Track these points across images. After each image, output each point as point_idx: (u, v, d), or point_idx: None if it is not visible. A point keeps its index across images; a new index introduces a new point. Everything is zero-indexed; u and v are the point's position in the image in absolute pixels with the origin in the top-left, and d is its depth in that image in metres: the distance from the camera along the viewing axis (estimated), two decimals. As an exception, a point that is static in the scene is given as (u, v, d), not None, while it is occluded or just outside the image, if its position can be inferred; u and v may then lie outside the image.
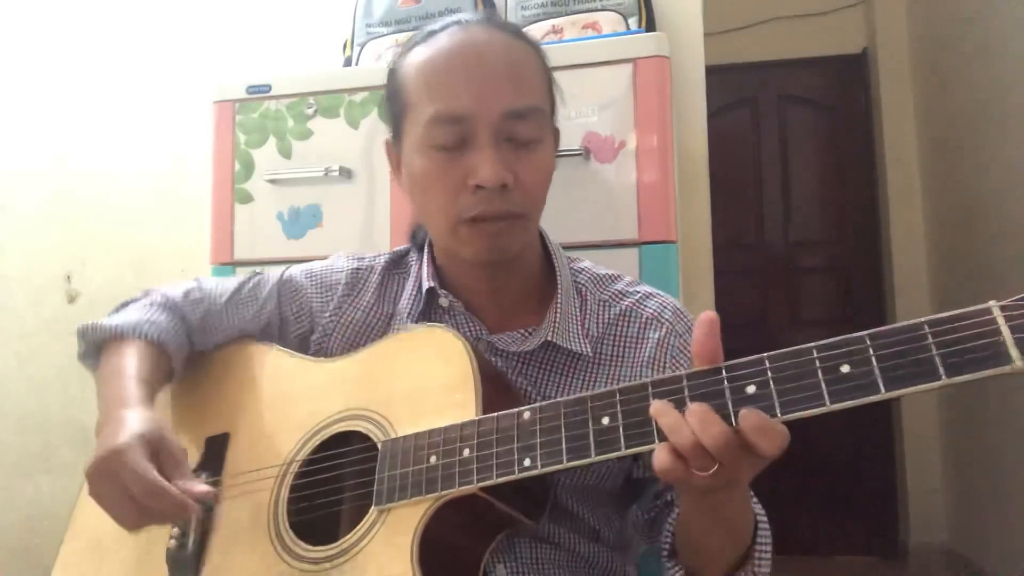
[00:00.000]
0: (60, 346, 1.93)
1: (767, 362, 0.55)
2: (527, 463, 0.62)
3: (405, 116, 0.79)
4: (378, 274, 0.90)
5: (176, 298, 0.91)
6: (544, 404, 0.64)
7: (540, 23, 1.44)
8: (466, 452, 0.65)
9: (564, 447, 0.61)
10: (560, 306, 0.81)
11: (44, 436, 1.91)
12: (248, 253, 1.38)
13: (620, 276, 0.88)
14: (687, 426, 0.55)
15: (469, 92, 0.73)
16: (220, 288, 0.93)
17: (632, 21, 1.40)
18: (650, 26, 1.42)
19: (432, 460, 0.66)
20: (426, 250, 0.87)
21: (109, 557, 0.83)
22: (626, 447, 0.58)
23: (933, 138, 2.93)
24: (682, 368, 0.79)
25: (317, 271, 0.92)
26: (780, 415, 0.53)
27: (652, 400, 0.58)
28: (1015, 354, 0.47)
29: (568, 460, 0.60)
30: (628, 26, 1.40)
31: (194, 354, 0.92)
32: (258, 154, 1.38)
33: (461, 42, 0.76)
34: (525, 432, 0.63)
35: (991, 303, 0.49)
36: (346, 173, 1.33)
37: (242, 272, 1.35)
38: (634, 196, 1.20)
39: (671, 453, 0.55)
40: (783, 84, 3.28)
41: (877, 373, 0.51)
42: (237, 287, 0.93)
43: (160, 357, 0.86)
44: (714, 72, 1.61)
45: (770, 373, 0.55)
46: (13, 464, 1.92)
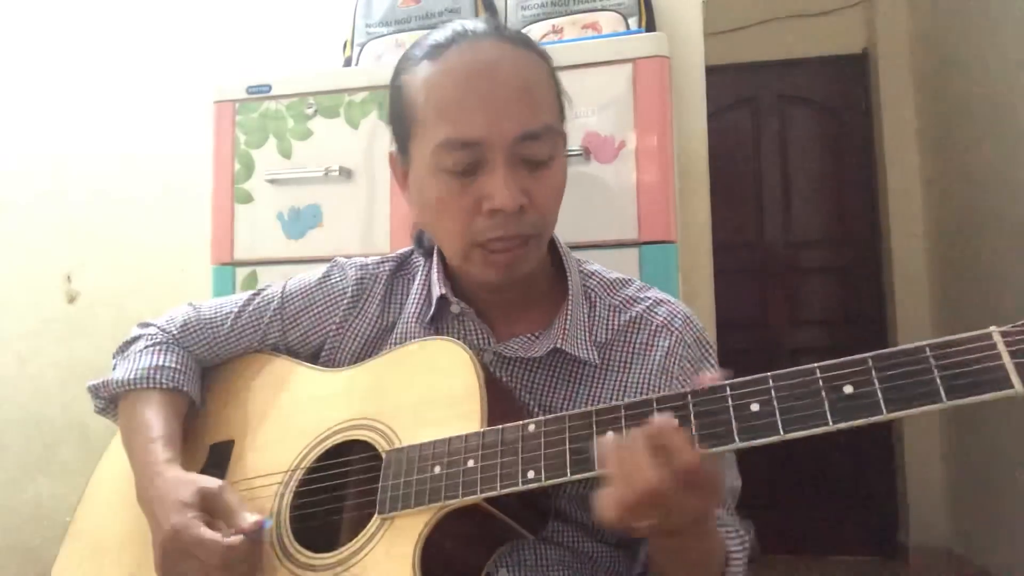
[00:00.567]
0: (60, 346, 1.93)
1: (771, 380, 0.56)
2: (531, 475, 0.62)
3: (413, 134, 0.77)
4: (382, 284, 0.89)
5: (176, 334, 0.90)
6: (549, 417, 0.64)
7: (540, 23, 1.44)
8: (470, 463, 0.65)
9: (568, 460, 0.61)
10: (569, 312, 0.81)
11: (44, 437, 1.91)
12: (248, 253, 1.38)
13: (631, 281, 0.88)
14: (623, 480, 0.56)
15: (482, 117, 0.72)
16: (221, 314, 0.91)
17: (632, 21, 1.40)
18: (650, 26, 1.42)
19: (436, 470, 0.66)
20: (436, 255, 0.86)
21: (110, 560, 0.83)
22: None
23: (933, 138, 2.93)
24: (689, 377, 0.79)
25: (318, 287, 0.90)
26: (783, 433, 0.54)
27: (657, 415, 0.58)
28: (1015, 379, 0.48)
29: (572, 473, 0.61)
30: (628, 26, 1.40)
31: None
32: (258, 154, 1.38)
33: (471, 62, 0.74)
34: (530, 444, 0.63)
35: (992, 328, 0.50)
36: (346, 173, 1.33)
37: (242, 272, 1.38)
38: (634, 196, 1.20)
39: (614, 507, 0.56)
40: (783, 84, 3.27)
41: (880, 394, 0.52)
42: (238, 312, 0.91)
43: (177, 399, 0.86)
44: (714, 72, 1.61)
45: (774, 392, 0.55)
46: (13, 465, 1.92)
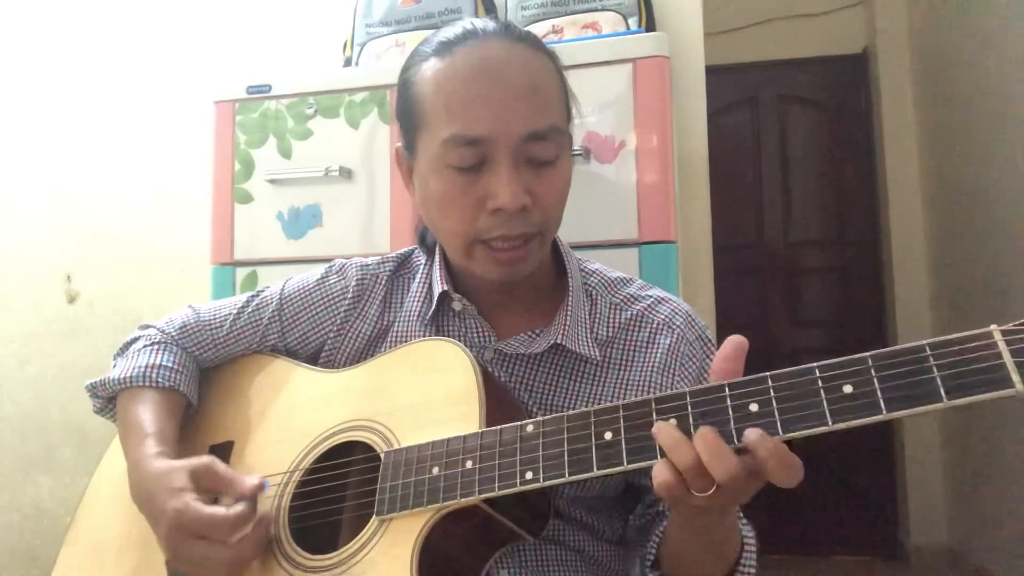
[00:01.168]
0: (60, 346, 1.93)
1: (770, 380, 0.55)
2: (529, 476, 0.62)
3: (420, 131, 0.78)
4: (383, 285, 0.89)
5: (175, 335, 0.90)
6: (547, 418, 0.64)
7: (540, 23, 1.44)
8: (469, 464, 0.65)
9: (567, 461, 0.61)
10: (570, 309, 0.81)
11: (44, 437, 1.92)
12: (248, 253, 1.38)
13: (632, 280, 0.88)
14: (688, 446, 0.55)
15: (488, 115, 0.72)
16: (219, 316, 0.91)
17: (632, 21, 1.40)
18: (650, 26, 1.42)
19: (435, 471, 0.66)
20: (438, 253, 0.86)
21: (110, 561, 0.82)
22: (628, 462, 0.58)
23: (933, 138, 2.93)
24: (690, 375, 0.80)
25: (317, 288, 0.90)
26: (782, 433, 0.54)
27: (655, 416, 0.58)
28: (1016, 378, 0.48)
29: (570, 474, 0.60)
30: (628, 26, 1.40)
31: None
32: (258, 154, 1.38)
33: (480, 60, 0.74)
34: (528, 445, 0.63)
35: (992, 327, 0.50)
36: (346, 173, 1.33)
37: (241, 272, 1.38)
38: (634, 196, 1.20)
39: (671, 470, 0.56)
40: (783, 84, 3.28)
41: (879, 394, 0.51)
42: (236, 313, 0.91)
43: (173, 399, 0.86)
44: (714, 72, 1.61)
45: (773, 392, 0.55)
46: (13, 464, 1.92)
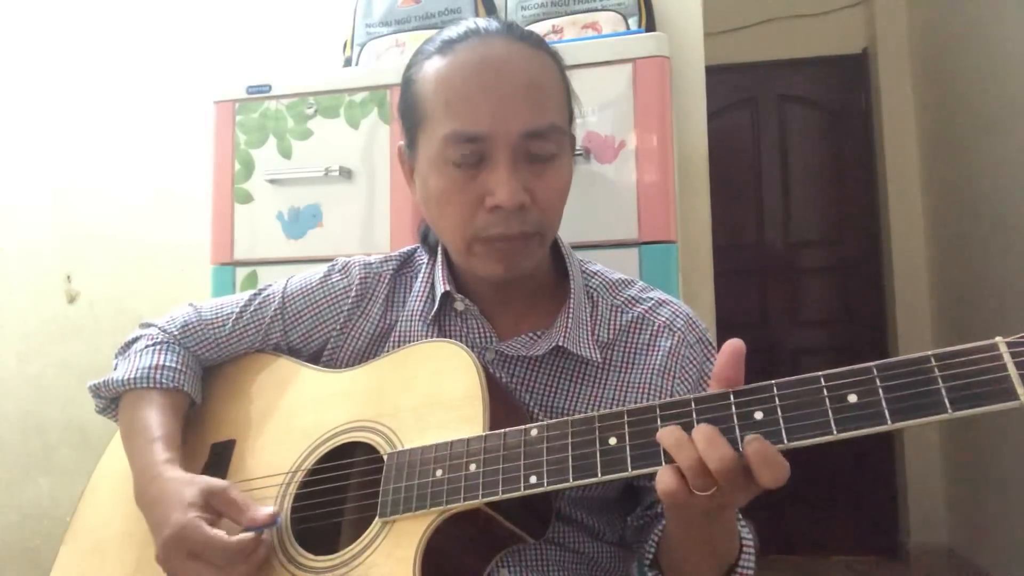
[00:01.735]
0: (60, 346, 1.93)
1: (775, 388, 0.55)
2: (533, 480, 0.62)
3: (421, 128, 0.78)
4: (386, 283, 0.89)
5: (177, 334, 0.90)
6: (551, 422, 0.64)
7: (540, 23, 1.44)
8: (472, 467, 0.65)
9: (571, 465, 0.61)
10: (572, 311, 0.81)
11: (44, 436, 1.92)
12: (248, 253, 1.38)
13: (633, 281, 0.88)
14: (692, 445, 0.55)
15: (487, 112, 0.72)
16: (222, 315, 0.91)
17: (632, 21, 1.40)
18: (650, 26, 1.42)
19: (438, 474, 0.66)
20: (440, 252, 0.86)
21: (110, 559, 0.82)
22: (632, 468, 0.58)
23: (933, 138, 2.93)
24: (691, 378, 0.80)
25: (319, 287, 0.90)
26: (786, 442, 0.54)
27: (660, 421, 0.58)
28: (1020, 391, 0.48)
29: (574, 479, 0.60)
30: (628, 26, 1.40)
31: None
32: (258, 154, 1.38)
33: (481, 58, 0.75)
34: (532, 449, 0.63)
35: (997, 339, 0.50)
36: (346, 173, 1.33)
37: (241, 272, 1.38)
38: (634, 196, 1.20)
39: (675, 474, 0.56)
40: (783, 84, 3.28)
41: (884, 404, 0.51)
42: (239, 312, 0.91)
43: (178, 399, 0.86)
44: (714, 72, 1.61)
45: (778, 400, 0.55)
46: (13, 464, 1.92)
